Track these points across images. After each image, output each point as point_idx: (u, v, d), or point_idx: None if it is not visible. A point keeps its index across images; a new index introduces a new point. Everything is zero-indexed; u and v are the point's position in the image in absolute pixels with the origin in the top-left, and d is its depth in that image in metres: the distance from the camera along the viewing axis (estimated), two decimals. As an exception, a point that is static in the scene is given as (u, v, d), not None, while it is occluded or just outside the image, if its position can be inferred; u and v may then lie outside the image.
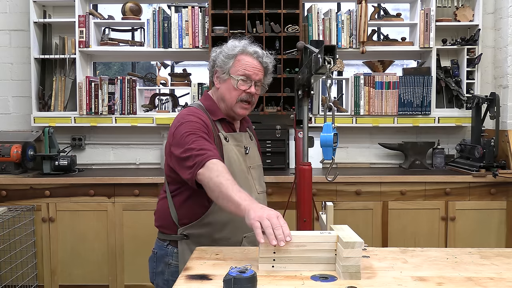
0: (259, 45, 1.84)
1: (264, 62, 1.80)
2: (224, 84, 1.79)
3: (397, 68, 4.03)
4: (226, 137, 1.77)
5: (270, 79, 1.87)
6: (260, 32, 3.23)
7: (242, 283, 1.06)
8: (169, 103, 3.75)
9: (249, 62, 1.76)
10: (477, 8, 3.37)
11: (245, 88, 1.76)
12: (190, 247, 1.74)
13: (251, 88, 1.76)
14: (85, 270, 3.03)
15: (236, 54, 1.77)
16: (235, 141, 1.80)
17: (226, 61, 1.77)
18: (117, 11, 3.55)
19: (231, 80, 1.76)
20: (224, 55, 1.78)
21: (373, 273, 1.25)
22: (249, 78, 1.76)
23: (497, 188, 3.00)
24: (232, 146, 1.77)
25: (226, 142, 1.76)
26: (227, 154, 1.74)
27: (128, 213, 3.00)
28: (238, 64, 1.76)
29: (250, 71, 1.76)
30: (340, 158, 3.54)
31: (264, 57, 1.80)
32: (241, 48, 1.77)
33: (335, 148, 1.65)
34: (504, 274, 1.25)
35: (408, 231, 3.01)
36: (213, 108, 1.81)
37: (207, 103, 1.83)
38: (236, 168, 1.74)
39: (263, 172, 1.94)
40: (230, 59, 1.77)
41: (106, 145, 3.63)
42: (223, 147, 1.74)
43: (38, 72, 3.43)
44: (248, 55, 1.77)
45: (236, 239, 1.72)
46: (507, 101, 3.27)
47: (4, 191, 3.00)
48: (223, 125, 1.81)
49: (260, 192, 1.83)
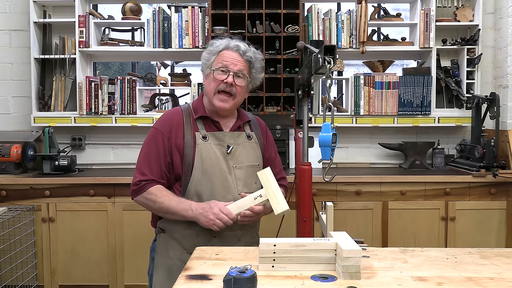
0: (248, 43, 1.85)
1: (247, 55, 1.81)
2: (207, 79, 1.84)
3: (397, 68, 4.03)
4: (206, 136, 1.79)
5: (261, 75, 1.89)
6: (260, 32, 3.23)
7: (242, 283, 1.06)
8: (169, 103, 3.75)
9: (229, 55, 1.80)
10: (477, 8, 3.37)
11: (223, 78, 1.77)
12: (166, 241, 1.80)
13: (229, 77, 1.77)
14: (85, 270, 3.03)
15: (219, 51, 1.81)
16: (216, 140, 1.79)
17: (209, 57, 1.83)
18: (117, 11, 3.55)
19: (211, 73, 1.80)
20: (207, 52, 1.84)
21: (373, 273, 1.25)
22: (227, 68, 1.77)
23: (497, 188, 3.01)
24: (211, 145, 1.77)
25: (203, 141, 1.77)
26: (200, 153, 1.75)
27: (128, 213, 3.00)
28: (219, 58, 1.80)
29: (228, 61, 1.78)
30: (340, 158, 3.54)
31: (248, 52, 1.81)
32: (224, 44, 1.82)
33: (334, 148, 1.64)
34: (504, 274, 1.25)
35: (408, 231, 3.01)
36: (197, 107, 1.86)
37: (195, 101, 1.90)
38: (211, 167, 1.75)
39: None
40: (213, 55, 1.82)
41: (106, 145, 3.63)
42: (197, 146, 1.76)
43: (38, 72, 3.43)
44: (229, 50, 1.81)
45: (205, 237, 1.73)
46: (507, 101, 3.27)
47: (4, 191, 3.00)
48: (205, 123, 1.83)
49: (242, 193, 1.77)
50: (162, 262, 1.78)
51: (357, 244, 1.22)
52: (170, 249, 1.77)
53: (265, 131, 1.97)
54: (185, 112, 1.84)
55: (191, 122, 1.80)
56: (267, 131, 1.99)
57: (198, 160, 1.74)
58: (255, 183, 1.82)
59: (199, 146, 1.76)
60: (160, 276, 1.78)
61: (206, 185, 1.74)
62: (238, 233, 1.77)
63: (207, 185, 1.74)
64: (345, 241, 1.24)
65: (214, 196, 1.73)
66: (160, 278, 1.78)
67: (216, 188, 1.74)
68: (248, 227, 1.81)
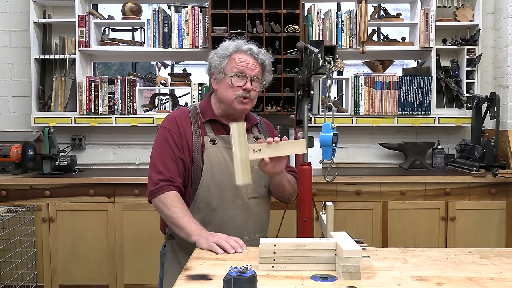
0: (256, 44, 1.80)
1: (260, 59, 1.76)
2: (221, 84, 1.77)
3: (397, 68, 4.03)
4: (214, 139, 1.75)
5: (271, 76, 1.84)
6: (260, 32, 3.23)
7: (242, 283, 1.06)
8: (169, 103, 3.75)
9: (243, 59, 1.74)
10: (477, 8, 3.37)
11: (241, 84, 1.73)
12: (174, 247, 1.77)
13: (247, 84, 1.73)
14: (85, 270, 3.03)
15: (230, 53, 1.75)
16: (225, 144, 1.75)
17: (220, 61, 1.76)
18: (117, 11, 3.55)
19: (226, 78, 1.74)
20: (218, 56, 1.77)
21: (373, 273, 1.25)
22: (244, 74, 1.73)
23: (497, 188, 3.01)
24: (220, 148, 1.74)
25: (212, 145, 1.74)
26: (208, 157, 1.72)
27: (128, 213, 3.00)
28: (232, 62, 1.74)
29: (245, 67, 1.73)
30: (340, 158, 3.54)
31: (260, 54, 1.77)
32: (235, 47, 1.75)
33: (335, 149, 1.64)
34: (504, 274, 1.25)
35: (408, 231, 3.01)
36: (205, 110, 1.81)
37: (202, 104, 1.85)
38: (221, 172, 1.72)
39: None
40: (225, 58, 1.75)
41: (106, 145, 3.63)
42: (205, 150, 1.73)
43: (38, 72, 3.43)
44: (242, 53, 1.75)
45: None
46: (507, 101, 3.27)
47: (4, 191, 3.00)
48: (214, 127, 1.79)
49: (252, 198, 1.76)
50: (171, 268, 1.76)
51: (357, 244, 1.22)
52: (179, 255, 1.75)
53: (272, 131, 1.95)
54: (193, 113, 1.80)
55: (199, 125, 1.77)
56: (273, 131, 1.97)
57: (207, 164, 1.71)
58: (264, 186, 1.81)
59: (207, 150, 1.73)
60: (171, 281, 1.76)
61: (215, 190, 1.71)
62: (248, 238, 1.73)
63: (217, 190, 1.71)
64: (345, 241, 1.24)
65: (223, 200, 1.72)
66: (170, 283, 1.76)
67: (225, 193, 1.72)
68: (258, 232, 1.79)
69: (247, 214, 1.76)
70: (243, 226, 1.75)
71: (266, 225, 1.88)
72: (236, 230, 1.72)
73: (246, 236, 1.74)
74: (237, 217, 1.74)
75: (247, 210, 1.75)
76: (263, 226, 1.84)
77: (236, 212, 1.73)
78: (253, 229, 1.77)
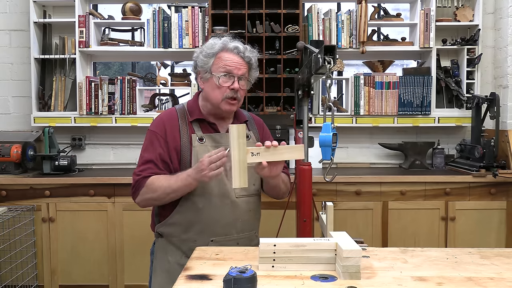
0: (241, 40, 1.79)
1: (247, 57, 1.76)
2: (207, 83, 1.77)
3: (397, 68, 4.03)
4: (202, 137, 1.76)
5: (257, 73, 1.84)
6: (260, 32, 3.23)
7: (242, 283, 1.06)
8: (169, 103, 3.75)
9: (230, 58, 1.73)
10: (477, 8, 3.37)
11: (228, 84, 1.72)
12: (164, 245, 1.78)
13: (235, 83, 1.72)
14: (85, 270, 3.03)
15: (216, 52, 1.74)
16: (213, 142, 1.76)
17: (207, 60, 1.75)
18: (117, 11, 3.55)
19: (213, 78, 1.73)
20: (204, 55, 1.76)
21: (373, 273, 1.25)
22: (231, 74, 1.72)
23: (497, 188, 3.01)
24: (208, 147, 1.74)
25: (200, 143, 1.74)
26: (196, 155, 1.72)
27: (128, 213, 2.99)
28: (219, 61, 1.74)
29: (231, 66, 1.72)
30: (340, 158, 3.54)
31: (246, 52, 1.76)
32: (220, 45, 1.74)
33: (335, 149, 1.64)
34: (504, 274, 1.25)
35: (408, 231, 3.01)
36: (192, 109, 1.82)
37: (190, 103, 1.86)
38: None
39: None
40: (211, 57, 1.74)
41: (106, 145, 3.63)
42: (193, 149, 1.73)
43: (38, 72, 3.43)
44: (228, 52, 1.74)
45: (202, 241, 1.70)
46: (507, 101, 3.27)
47: (4, 191, 3.00)
48: (202, 125, 1.79)
49: (240, 196, 1.75)
50: (160, 266, 1.77)
51: (357, 244, 1.22)
52: (168, 253, 1.76)
53: (261, 127, 1.95)
54: (180, 113, 1.80)
55: (187, 124, 1.77)
56: (263, 127, 1.96)
57: (195, 162, 1.70)
58: (253, 184, 1.80)
59: (195, 149, 1.73)
60: (159, 280, 1.77)
61: (202, 189, 1.70)
62: (235, 237, 1.75)
63: (204, 189, 1.71)
64: (345, 241, 1.24)
65: (211, 199, 1.71)
66: (158, 282, 1.76)
67: (213, 191, 1.72)
68: (247, 230, 1.79)
69: (235, 213, 1.75)
70: (231, 224, 1.74)
71: (256, 223, 1.87)
72: (223, 229, 1.73)
73: (234, 234, 1.74)
74: (224, 216, 1.73)
75: (235, 209, 1.75)
76: (252, 225, 1.83)
77: (223, 211, 1.73)
78: (242, 227, 1.77)
